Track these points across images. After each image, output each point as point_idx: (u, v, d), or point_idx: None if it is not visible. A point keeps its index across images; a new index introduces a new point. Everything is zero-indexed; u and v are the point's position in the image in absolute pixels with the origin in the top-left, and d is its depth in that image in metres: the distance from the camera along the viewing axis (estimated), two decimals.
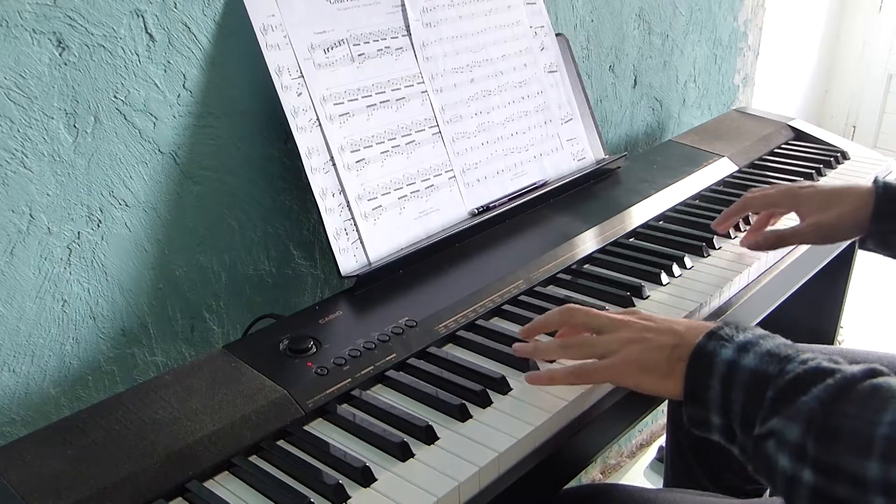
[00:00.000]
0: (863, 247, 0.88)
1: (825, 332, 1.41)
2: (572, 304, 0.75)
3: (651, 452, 1.80)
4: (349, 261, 0.86)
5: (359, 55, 0.91)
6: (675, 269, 0.92)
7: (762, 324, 0.98)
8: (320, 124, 0.86)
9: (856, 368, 0.55)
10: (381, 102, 0.92)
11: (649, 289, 0.88)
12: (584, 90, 1.17)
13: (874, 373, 0.54)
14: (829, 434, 0.52)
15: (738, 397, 0.58)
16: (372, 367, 0.73)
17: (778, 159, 1.30)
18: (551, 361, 0.74)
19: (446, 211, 0.97)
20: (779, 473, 0.55)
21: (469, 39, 1.03)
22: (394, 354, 0.75)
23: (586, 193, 1.12)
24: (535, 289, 0.88)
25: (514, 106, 1.07)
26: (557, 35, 1.15)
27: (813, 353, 0.58)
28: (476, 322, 0.82)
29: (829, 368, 0.55)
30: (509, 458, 0.65)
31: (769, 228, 0.95)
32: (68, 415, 0.66)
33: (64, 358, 0.78)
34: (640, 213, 1.06)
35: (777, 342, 0.60)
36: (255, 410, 0.67)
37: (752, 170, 1.26)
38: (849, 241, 0.95)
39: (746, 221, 1.03)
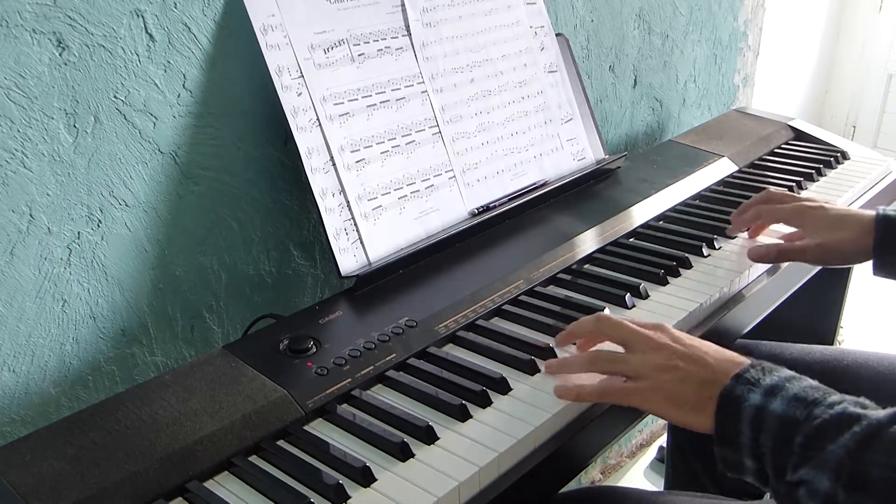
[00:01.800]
0: (876, 274, 0.89)
1: (825, 332, 1.41)
2: (605, 314, 0.75)
3: (651, 452, 1.80)
4: (349, 261, 0.86)
5: (359, 55, 0.91)
6: (676, 268, 0.92)
7: (762, 324, 0.98)
8: (320, 124, 0.86)
9: (881, 414, 0.55)
10: (381, 102, 0.92)
11: (650, 289, 0.88)
12: (584, 90, 1.17)
13: None
14: (857, 483, 0.53)
15: (768, 442, 0.58)
16: (372, 367, 0.73)
17: (778, 159, 1.30)
18: None
19: (446, 211, 0.97)
20: None
21: (469, 39, 1.03)
22: (394, 354, 0.75)
23: (586, 193, 1.12)
24: (535, 289, 0.88)
25: (514, 106, 1.07)
26: (557, 35, 1.15)
27: (840, 397, 0.58)
28: (476, 322, 0.81)
29: (855, 414, 0.55)
30: (509, 458, 0.65)
31: (774, 242, 0.96)
32: (68, 415, 0.66)
33: (64, 358, 0.78)
34: (640, 213, 1.06)
35: (803, 385, 0.60)
36: (255, 410, 0.67)
37: (752, 170, 1.26)
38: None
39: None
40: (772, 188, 1.01)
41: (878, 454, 0.53)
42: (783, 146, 1.36)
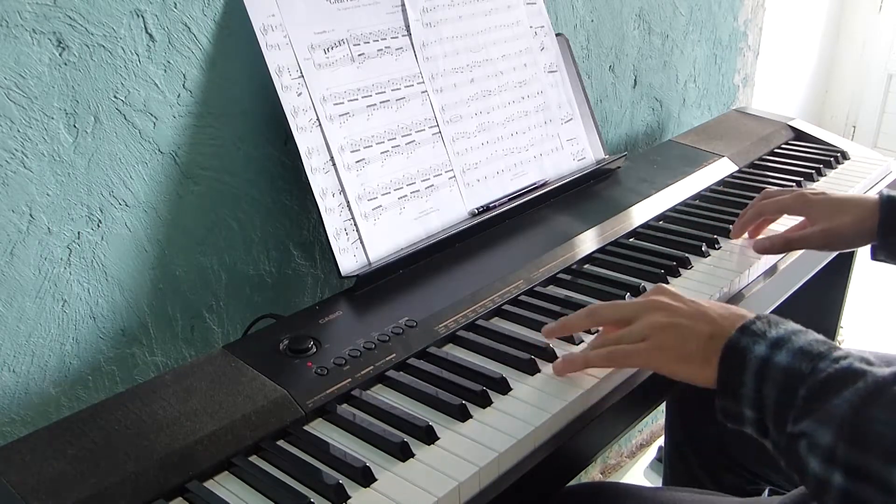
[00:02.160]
0: (875, 258, 0.90)
1: (825, 332, 1.39)
2: (596, 304, 0.75)
3: (651, 452, 1.80)
4: (349, 261, 0.86)
5: (359, 55, 0.91)
6: (676, 268, 0.92)
7: None
8: (320, 124, 0.86)
9: (887, 372, 0.55)
10: (381, 102, 0.92)
11: (650, 289, 0.88)
12: (584, 90, 1.17)
13: None
14: (858, 439, 0.53)
15: (771, 394, 0.58)
16: (372, 367, 0.73)
17: (778, 159, 1.30)
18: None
19: (446, 211, 0.97)
20: (809, 475, 0.55)
21: (469, 39, 1.03)
22: (394, 354, 0.75)
23: (586, 193, 1.12)
24: (535, 289, 0.88)
25: (514, 106, 1.07)
26: (557, 35, 1.15)
27: (846, 352, 0.58)
28: (476, 322, 0.81)
29: (860, 370, 0.56)
30: (509, 458, 0.65)
31: (778, 232, 0.96)
32: (68, 415, 0.66)
33: (64, 358, 0.78)
34: (640, 213, 1.06)
35: (809, 338, 0.60)
36: (255, 410, 0.67)
37: (752, 170, 1.26)
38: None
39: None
40: (770, 188, 1.01)
41: (880, 410, 0.53)
42: (783, 146, 1.36)
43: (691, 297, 0.86)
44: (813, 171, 1.23)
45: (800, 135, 1.41)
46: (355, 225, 0.87)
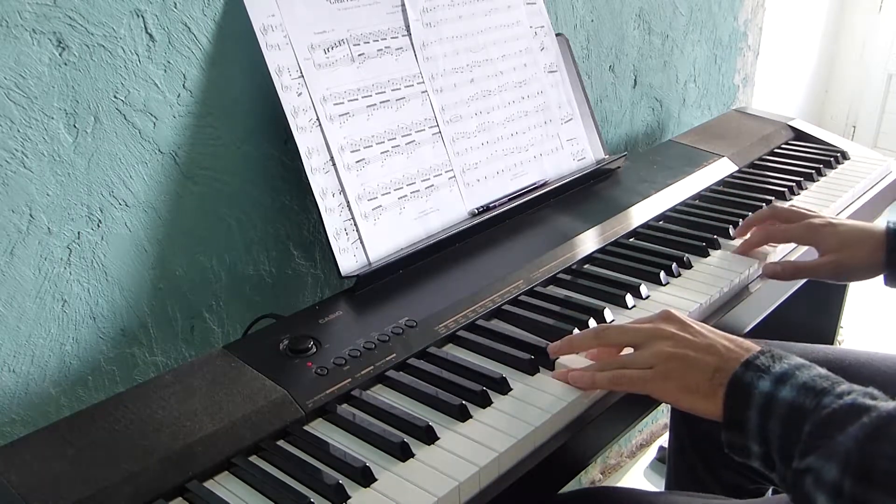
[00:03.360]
0: (888, 284, 0.90)
1: (825, 332, 1.41)
2: (603, 325, 0.76)
3: (651, 452, 1.80)
4: (349, 261, 0.86)
5: (359, 55, 0.91)
6: (675, 268, 0.92)
7: (762, 324, 0.98)
8: (320, 124, 0.86)
9: (891, 406, 0.55)
10: (381, 102, 0.92)
11: (649, 289, 0.88)
12: (584, 90, 1.17)
13: None
14: (865, 474, 0.53)
15: (776, 429, 0.59)
16: (372, 367, 0.73)
17: (778, 159, 1.30)
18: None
19: (446, 211, 0.97)
20: None
21: (469, 39, 1.03)
22: (394, 354, 0.75)
23: (586, 193, 1.12)
24: (535, 289, 0.88)
25: (514, 106, 1.07)
26: (557, 35, 1.15)
27: (849, 387, 0.58)
28: (476, 322, 0.81)
29: (864, 405, 0.56)
30: (509, 458, 0.65)
31: (789, 259, 0.96)
32: (68, 415, 0.66)
33: (64, 358, 0.78)
34: (640, 213, 1.06)
35: (813, 373, 0.61)
36: (255, 410, 0.67)
37: (751, 170, 1.26)
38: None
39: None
40: (776, 202, 1.01)
41: (886, 446, 0.53)
42: (783, 146, 1.36)
43: (692, 296, 0.87)
44: (813, 171, 1.23)
45: (800, 135, 1.41)
46: (355, 225, 0.87)
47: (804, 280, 1.07)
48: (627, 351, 0.73)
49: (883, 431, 0.54)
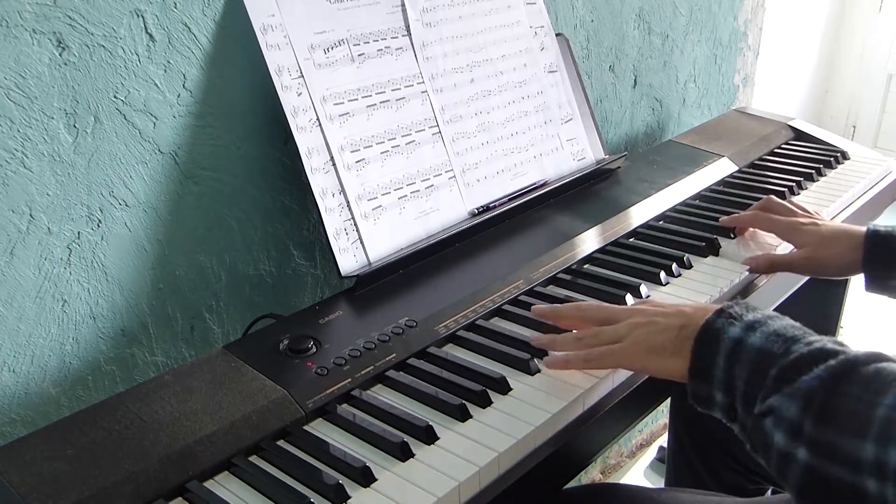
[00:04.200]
0: (869, 289, 0.91)
1: (825, 332, 1.40)
2: (585, 303, 0.78)
3: (651, 452, 1.80)
4: (349, 261, 0.86)
5: (359, 55, 0.91)
6: (675, 268, 0.92)
7: None
8: (320, 124, 0.86)
9: (860, 351, 0.56)
10: (381, 102, 0.92)
11: (649, 289, 0.88)
12: (584, 90, 1.17)
13: (879, 357, 0.55)
14: (827, 413, 0.53)
15: (742, 374, 0.59)
16: (372, 367, 0.73)
17: (778, 159, 1.30)
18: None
19: (446, 211, 0.97)
20: (773, 450, 0.55)
21: (469, 39, 1.03)
22: (394, 354, 0.75)
23: (586, 193, 1.12)
24: (535, 289, 0.88)
25: (514, 106, 1.07)
26: (557, 35, 1.15)
27: (819, 337, 0.59)
28: (476, 322, 0.81)
29: (833, 350, 0.56)
30: (509, 458, 0.65)
31: (765, 253, 0.97)
32: (68, 415, 0.66)
33: (64, 358, 0.78)
34: (640, 213, 1.06)
35: (785, 323, 0.61)
36: (255, 410, 0.67)
37: (752, 170, 1.26)
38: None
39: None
40: (774, 196, 1.01)
41: (851, 386, 0.53)
42: (783, 146, 1.36)
43: (692, 297, 0.87)
44: (813, 171, 1.23)
45: (800, 135, 1.41)
46: (355, 225, 0.87)
47: (804, 280, 1.07)
48: None
49: (849, 373, 0.53)
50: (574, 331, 0.75)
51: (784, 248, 0.99)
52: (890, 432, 0.50)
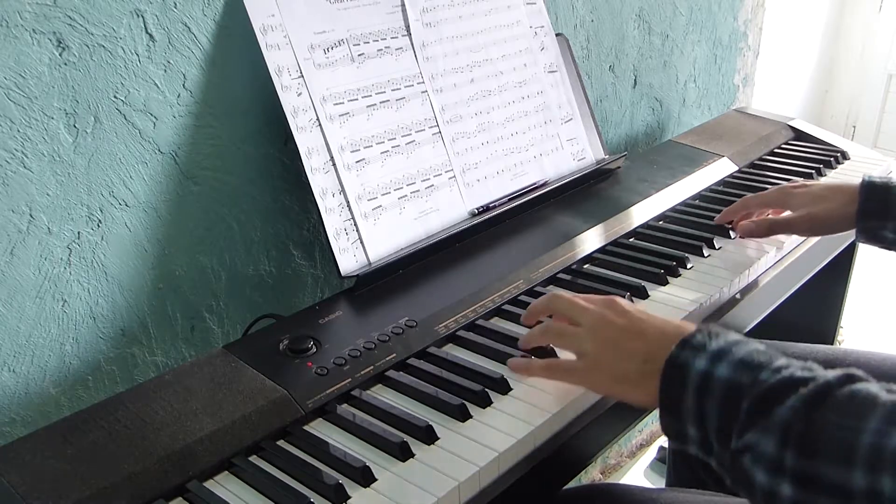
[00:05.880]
0: (858, 239, 0.91)
1: (825, 332, 1.41)
2: (556, 292, 0.75)
3: (651, 452, 1.80)
4: (349, 261, 0.86)
5: (359, 55, 0.91)
6: (676, 268, 0.92)
7: (762, 324, 0.98)
8: (320, 124, 0.86)
9: (830, 374, 0.54)
10: (381, 102, 0.92)
11: (650, 288, 0.88)
12: (584, 90, 1.17)
13: (850, 378, 0.53)
14: (807, 445, 0.51)
15: (714, 409, 0.57)
16: (372, 367, 0.73)
17: (778, 159, 1.30)
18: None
19: (446, 211, 0.97)
20: (756, 488, 0.53)
21: (469, 39, 1.03)
22: (394, 354, 0.75)
23: (586, 193, 1.12)
24: (535, 289, 0.88)
25: (514, 106, 1.07)
26: (557, 35, 1.15)
27: (787, 361, 0.57)
28: (476, 322, 0.81)
29: (802, 378, 0.54)
30: (509, 458, 0.65)
31: (765, 217, 0.97)
32: (68, 415, 0.66)
33: (64, 358, 0.78)
34: (640, 213, 1.06)
35: (749, 348, 0.59)
36: (255, 410, 0.67)
37: (752, 170, 1.26)
38: (848, 241, 0.99)
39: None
40: (750, 196, 1.02)
41: (829, 413, 0.51)
42: (783, 146, 1.36)
43: (692, 296, 0.87)
44: (813, 171, 1.23)
45: (800, 135, 1.41)
46: (355, 225, 0.87)
47: (804, 279, 1.07)
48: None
49: (824, 399, 0.52)
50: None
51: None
52: (880, 459, 0.48)
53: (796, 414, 0.52)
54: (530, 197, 1.03)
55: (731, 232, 1.01)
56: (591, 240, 0.98)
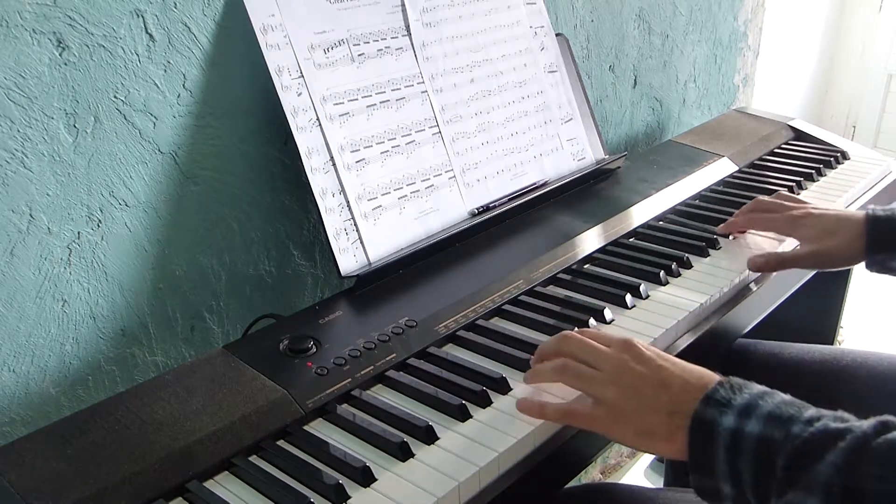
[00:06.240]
0: (869, 269, 0.91)
1: (825, 332, 1.40)
2: (567, 332, 0.71)
3: None
4: (349, 261, 0.86)
5: (359, 55, 0.91)
6: (675, 268, 0.92)
7: (762, 323, 0.98)
8: (320, 124, 0.86)
9: (865, 425, 0.53)
10: (381, 102, 0.92)
11: (649, 289, 0.88)
12: (584, 90, 1.17)
13: (886, 426, 0.52)
14: (852, 500, 0.50)
15: (748, 466, 0.56)
16: (372, 367, 0.73)
17: (778, 159, 1.30)
18: None
19: (446, 211, 0.97)
20: None
21: (469, 39, 1.03)
22: (394, 354, 0.75)
23: (586, 193, 1.12)
24: (535, 289, 0.88)
25: (514, 106, 1.07)
26: (557, 35, 1.15)
27: (817, 412, 0.56)
28: (476, 322, 0.81)
29: (837, 430, 0.53)
30: (509, 458, 0.65)
31: (773, 251, 0.96)
32: (68, 415, 0.66)
33: (64, 358, 0.78)
34: (640, 213, 1.06)
35: (776, 400, 0.57)
36: (255, 410, 0.67)
37: (752, 170, 1.26)
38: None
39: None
40: (760, 196, 1.01)
41: (870, 466, 0.50)
42: (783, 146, 1.36)
43: (692, 296, 0.87)
44: (813, 171, 1.23)
45: (800, 135, 1.41)
46: (355, 225, 0.87)
47: (804, 279, 1.07)
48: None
49: (862, 452, 0.51)
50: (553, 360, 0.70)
51: (788, 244, 0.99)
52: None
53: (838, 471, 0.51)
54: (530, 197, 1.03)
55: (729, 235, 1.01)
56: (591, 240, 0.98)
